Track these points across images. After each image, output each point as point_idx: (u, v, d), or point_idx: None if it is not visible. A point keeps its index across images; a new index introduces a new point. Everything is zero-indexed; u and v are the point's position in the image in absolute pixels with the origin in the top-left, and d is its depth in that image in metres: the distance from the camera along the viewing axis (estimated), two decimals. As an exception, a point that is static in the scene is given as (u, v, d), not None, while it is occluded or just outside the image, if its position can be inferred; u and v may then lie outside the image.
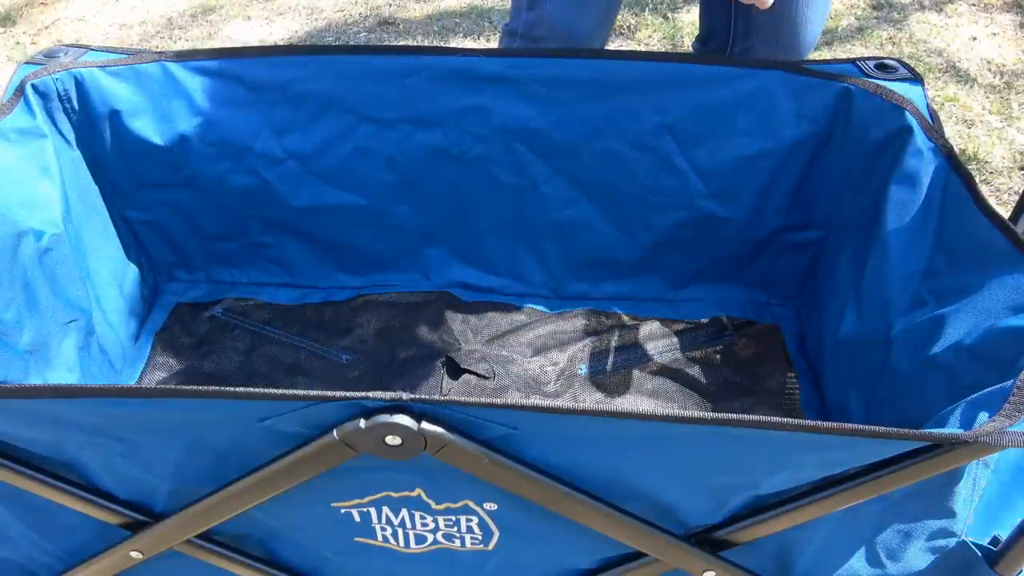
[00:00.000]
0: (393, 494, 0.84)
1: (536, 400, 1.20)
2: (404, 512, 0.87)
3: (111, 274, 1.27)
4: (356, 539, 0.91)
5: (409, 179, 1.28)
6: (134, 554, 0.91)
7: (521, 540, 0.90)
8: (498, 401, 0.73)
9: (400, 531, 0.90)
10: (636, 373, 1.27)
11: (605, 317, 1.36)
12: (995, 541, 0.89)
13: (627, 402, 1.23)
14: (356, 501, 0.86)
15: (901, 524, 0.86)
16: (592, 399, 1.24)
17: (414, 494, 0.84)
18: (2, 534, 0.96)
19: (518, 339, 1.31)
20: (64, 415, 0.78)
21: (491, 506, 0.85)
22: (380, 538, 0.91)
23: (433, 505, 0.85)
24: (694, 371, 1.28)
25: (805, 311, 1.33)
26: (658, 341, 1.32)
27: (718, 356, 1.31)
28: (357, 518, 0.88)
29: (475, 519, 0.87)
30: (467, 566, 0.95)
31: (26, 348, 1.08)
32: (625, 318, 1.36)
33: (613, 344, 1.32)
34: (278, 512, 0.87)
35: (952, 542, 0.88)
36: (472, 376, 1.23)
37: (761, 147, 1.20)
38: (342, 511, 0.87)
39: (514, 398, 1.19)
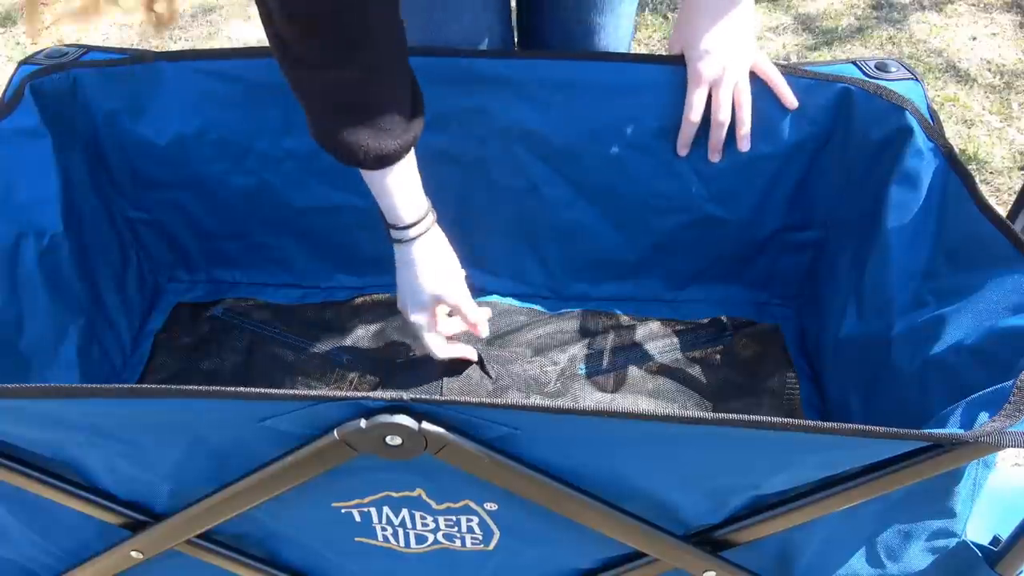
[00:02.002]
0: (394, 494, 0.84)
1: (536, 399, 1.20)
2: (405, 512, 0.87)
3: (112, 274, 1.27)
4: (357, 539, 0.91)
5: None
6: (134, 554, 0.91)
7: (521, 540, 0.90)
8: (499, 401, 0.73)
9: (400, 531, 0.90)
10: (636, 373, 1.28)
11: (605, 318, 1.36)
12: (995, 541, 0.90)
13: (627, 402, 1.23)
14: (357, 501, 0.86)
15: (901, 524, 0.87)
16: (592, 399, 1.24)
17: (415, 494, 0.84)
18: (2, 534, 0.96)
19: (518, 339, 1.31)
20: (65, 415, 0.78)
21: (491, 506, 0.85)
22: (380, 538, 0.91)
23: (434, 505, 0.85)
24: (694, 371, 1.28)
25: (805, 311, 1.33)
26: (658, 341, 1.32)
27: (718, 356, 1.31)
28: (358, 518, 0.88)
29: (475, 519, 0.87)
30: (467, 566, 0.95)
31: (27, 348, 1.08)
32: (625, 318, 1.36)
33: (613, 344, 1.32)
34: (279, 512, 0.87)
35: (952, 542, 0.88)
36: (473, 375, 1.22)
37: (761, 149, 1.19)
38: (343, 511, 0.87)
39: (514, 398, 1.19)
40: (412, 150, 1.03)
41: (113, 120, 1.22)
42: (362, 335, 1.33)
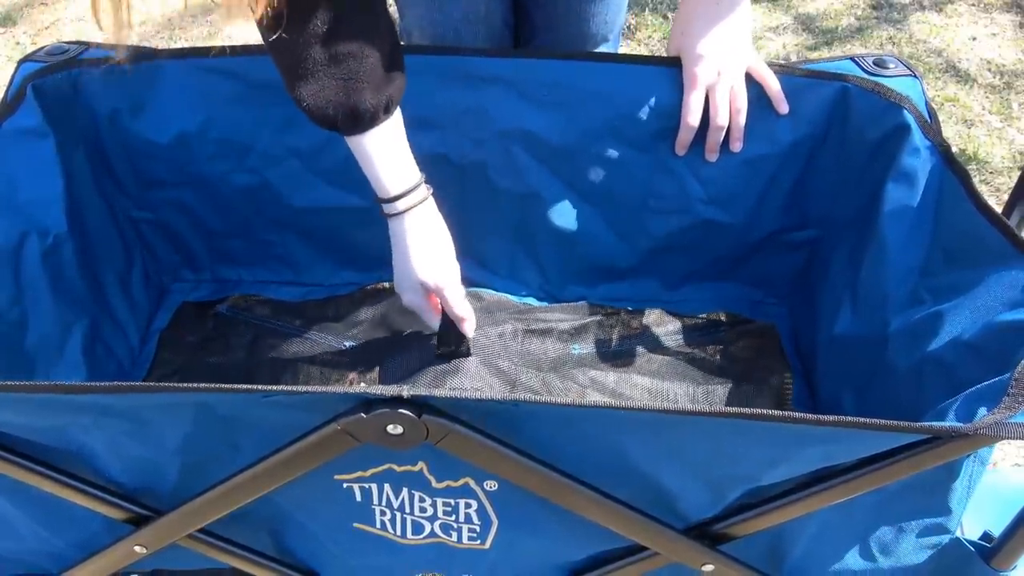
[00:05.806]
0: (396, 467, 0.84)
1: (529, 375, 1.19)
2: (404, 493, 0.87)
3: (116, 274, 1.27)
4: (355, 524, 0.92)
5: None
6: (138, 549, 0.92)
7: (519, 531, 0.90)
8: (498, 397, 0.74)
9: (399, 516, 0.90)
10: (632, 356, 1.27)
11: (603, 308, 1.36)
12: (986, 537, 0.90)
13: (622, 383, 1.23)
14: (359, 474, 0.86)
15: (895, 519, 0.87)
16: (586, 378, 1.23)
17: (416, 468, 0.84)
18: (7, 528, 0.96)
19: (514, 318, 1.31)
20: (72, 399, 0.78)
21: (491, 485, 0.85)
22: (379, 524, 0.91)
23: (434, 483, 0.85)
24: (691, 358, 1.28)
25: (799, 309, 1.33)
26: (655, 329, 1.33)
27: (714, 353, 1.31)
28: (358, 496, 0.88)
29: (474, 504, 0.87)
30: (464, 563, 0.96)
31: (32, 348, 1.08)
32: (623, 309, 1.36)
33: (609, 329, 1.33)
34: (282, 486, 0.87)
35: (946, 538, 0.89)
36: (468, 366, 1.21)
37: (759, 150, 1.20)
38: (344, 485, 0.87)
39: (506, 367, 1.19)
40: (395, 115, 1.02)
41: (115, 119, 1.22)
42: (364, 323, 1.33)
